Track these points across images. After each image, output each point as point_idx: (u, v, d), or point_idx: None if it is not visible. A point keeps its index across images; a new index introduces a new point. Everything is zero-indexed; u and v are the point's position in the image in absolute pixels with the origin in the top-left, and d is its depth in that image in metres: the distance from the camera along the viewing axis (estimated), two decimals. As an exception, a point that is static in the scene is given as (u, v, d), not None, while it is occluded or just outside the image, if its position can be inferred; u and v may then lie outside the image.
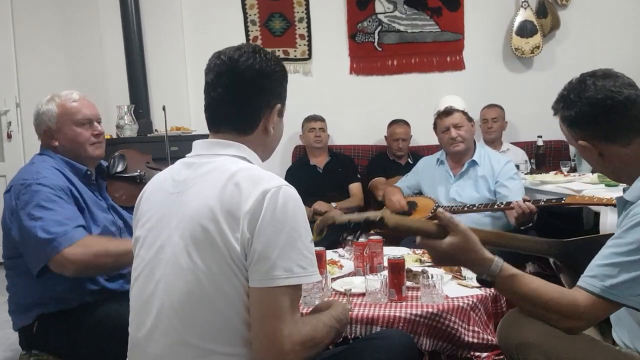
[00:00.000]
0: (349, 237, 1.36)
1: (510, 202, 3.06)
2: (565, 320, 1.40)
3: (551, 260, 1.70)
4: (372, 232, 3.16)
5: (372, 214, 1.38)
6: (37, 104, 2.17)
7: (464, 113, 3.48)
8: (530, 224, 3.08)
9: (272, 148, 1.53)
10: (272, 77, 1.44)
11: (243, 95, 1.41)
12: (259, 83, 1.41)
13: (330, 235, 1.51)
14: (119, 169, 2.40)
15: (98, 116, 2.23)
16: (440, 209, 1.48)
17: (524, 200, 3.01)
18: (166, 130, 3.22)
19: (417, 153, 4.60)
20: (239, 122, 1.42)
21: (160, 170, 1.53)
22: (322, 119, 4.53)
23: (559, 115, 1.54)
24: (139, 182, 2.32)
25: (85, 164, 2.17)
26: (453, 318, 2.15)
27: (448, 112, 3.45)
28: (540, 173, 3.87)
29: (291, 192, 1.31)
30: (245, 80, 1.40)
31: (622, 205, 1.50)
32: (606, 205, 2.65)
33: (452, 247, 1.43)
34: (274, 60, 1.45)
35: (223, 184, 1.30)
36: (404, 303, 2.20)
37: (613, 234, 1.45)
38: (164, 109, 3.23)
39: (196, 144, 1.46)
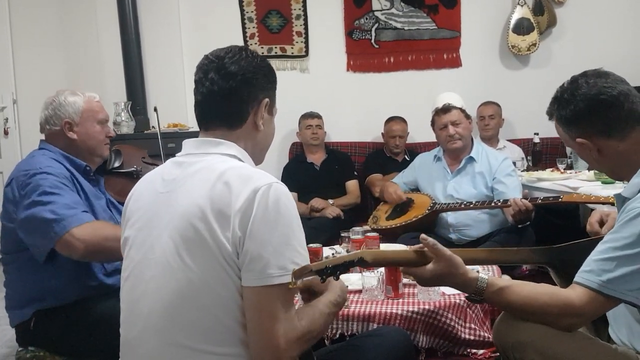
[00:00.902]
0: (331, 277, 1.34)
1: (508, 200, 3.07)
2: (561, 319, 1.40)
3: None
4: (367, 229, 3.18)
5: (350, 256, 1.38)
6: (54, 95, 2.19)
7: (462, 110, 3.48)
8: (528, 222, 3.09)
9: (263, 147, 1.51)
10: (259, 73, 1.44)
11: (230, 87, 1.40)
12: (245, 77, 1.41)
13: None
14: (116, 164, 2.42)
15: (109, 119, 2.32)
16: (423, 235, 1.49)
17: (523, 197, 3.02)
18: (159, 129, 3.21)
19: (414, 150, 4.60)
20: (226, 114, 1.42)
21: (157, 165, 1.53)
22: (318, 116, 4.53)
23: (555, 116, 1.55)
24: (135, 178, 2.33)
25: (90, 161, 2.21)
26: (449, 315, 2.16)
27: (446, 109, 3.45)
28: (537, 170, 3.88)
29: (282, 189, 1.29)
30: (231, 74, 1.40)
31: (620, 202, 1.50)
32: (603, 204, 2.66)
33: (435, 273, 1.44)
34: (260, 58, 1.46)
35: (212, 182, 1.29)
36: (400, 300, 2.21)
37: (603, 236, 1.46)
38: (155, 110, 3.22)
39: (186, 143, 1.45)
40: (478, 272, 1.49)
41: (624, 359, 1.46)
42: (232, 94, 1.41)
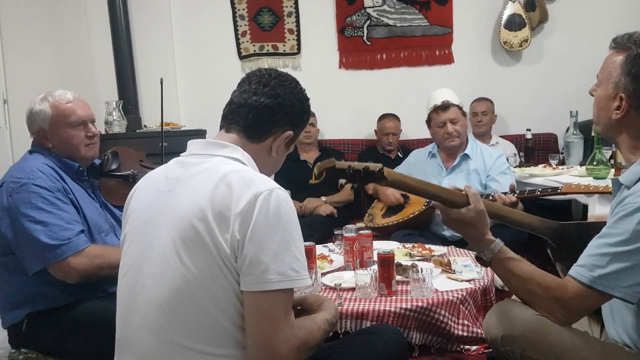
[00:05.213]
0: (349, 184, 1.38)
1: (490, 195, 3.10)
2: (553, 304, 1.42)
3: (547, 243, 1.72)
4: (361, 226, 3.18)
5: (372, 165, 1.42)
6: (30, 102, 2.14)
7: (459, 107, 3.48)
8: None
9: (267, 172, 1.51)
10: (297, 106, 1.50)
11: (266, 105, 1.44)
12: (284, 103, 1.46)
13: (327, 179, 1.51)
14: (112, 167, 2.38)
15: (92, 116, 2.21)
16: (468, 185, 1.56)
17: (510, 189, 3.04)
18: (162, 105, 3.24)
19: (407, 147, 4.60)
20: (250, 126, 1.45)
21: (154, 169, 1.53)
22: (312, 114, 4.51)
23: (630, 52, 1.43)
24: (132, 182, 2.29)
25: (79, 163, 2.17)
26: (443, 312, 2.16)
27: (445, 107, 3.44)
28: (529, 166, 3.88)
29: (283, 195, 1.30)
30: (274, 94, 1.45)
31: (617, 187, 1.50)
32: (602, 193, 2.67)
33: (462, 218, 1.52)
34: (304, 95, 1.55)
35: (215, 184, 1.30)
36: (393, 297, 2.21)
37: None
38: (161, 82, 3.27)
39: (191, 144, 1.46)
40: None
41: (610, 352, 1.46)
42: (265, 112, 1.45)
